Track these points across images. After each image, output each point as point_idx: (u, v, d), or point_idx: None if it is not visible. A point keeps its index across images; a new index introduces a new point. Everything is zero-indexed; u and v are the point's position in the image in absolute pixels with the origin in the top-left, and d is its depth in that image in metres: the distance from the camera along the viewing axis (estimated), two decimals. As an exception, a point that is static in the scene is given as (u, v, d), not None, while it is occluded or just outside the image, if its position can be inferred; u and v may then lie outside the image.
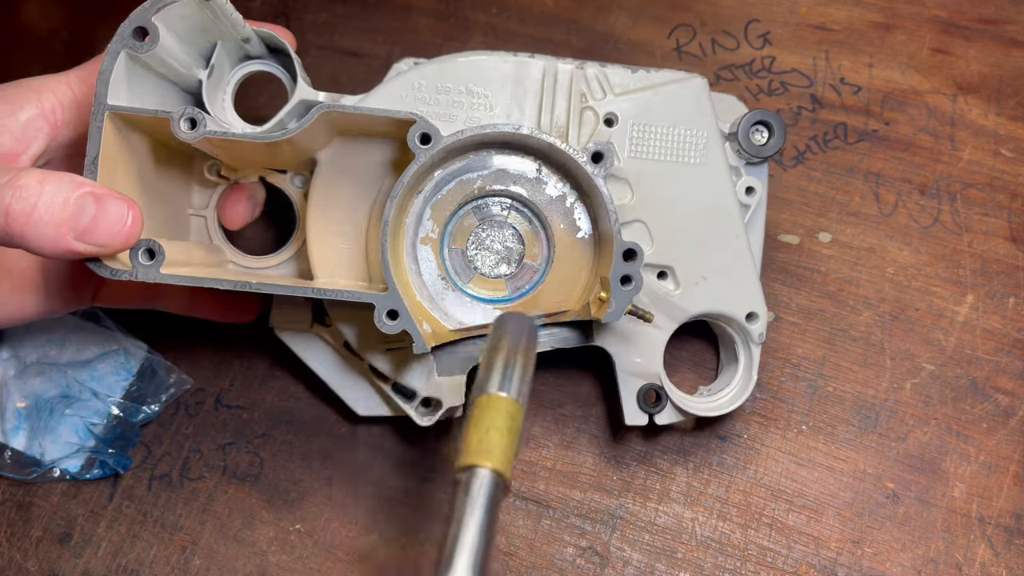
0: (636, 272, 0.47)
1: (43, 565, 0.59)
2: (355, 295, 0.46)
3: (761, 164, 0.54)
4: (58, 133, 0.48)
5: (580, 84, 0.51)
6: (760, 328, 0.54)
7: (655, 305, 0.53)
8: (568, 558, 0.57)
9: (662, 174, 0.52)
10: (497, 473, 0.34)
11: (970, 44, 0.63)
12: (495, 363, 0.39)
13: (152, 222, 0.49)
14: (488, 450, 0.35)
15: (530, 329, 0.43)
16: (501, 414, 0.36)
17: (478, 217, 0.52)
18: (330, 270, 0.51)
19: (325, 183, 0.51)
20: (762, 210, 0.55)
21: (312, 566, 0.58)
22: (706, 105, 0.52)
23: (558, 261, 0.52)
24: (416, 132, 0.46)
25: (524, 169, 0.51)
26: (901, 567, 0.55)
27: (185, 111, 0.44)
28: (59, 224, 0.41)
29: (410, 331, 0.46)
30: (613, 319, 0.48)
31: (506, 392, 0.37)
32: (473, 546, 0.32)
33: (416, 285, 0.51)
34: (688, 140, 0.52)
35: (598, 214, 0.50)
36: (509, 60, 0.50)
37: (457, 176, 0.51)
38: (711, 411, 0.54)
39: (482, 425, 0.36)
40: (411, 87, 0.50)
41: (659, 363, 0.54)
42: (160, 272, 0.44)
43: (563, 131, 0.51)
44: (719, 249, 0.53)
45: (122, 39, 0.44)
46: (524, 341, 0.41)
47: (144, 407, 0.61)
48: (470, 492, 0.33)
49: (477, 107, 0.50)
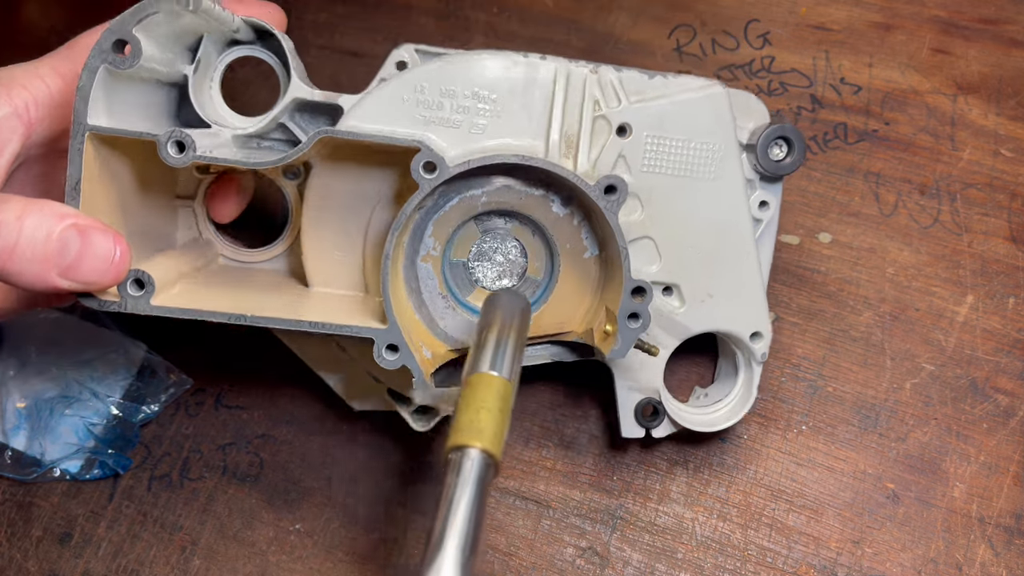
0: (644, 310, 0.46)
1: (43, 565, 0.59)
2: (354, 330, 0.44)
3: (777, 182, 0.53)
4: (33, 131, 0.44)
5: (594, 90, 0.48)
6: (763, 348, 0.53)
7: (658, 322, 0.51)
8: (568, 558, 0.57)
9: (674, 189, 0.49)
10: (488, 453, 0.34)
11: (970, 44, 0.63)
12: (487, 341, 0.39)
13: (138, 230, 0.47)
14: (479, 430, 0.35)
15: (523, 306, 0.43)
16: (492, 393, 0.36)
17: (480, 229, 0.50)
18: (325, 279, 0.50)
19: (321, 189, 0.49)
20: (774, 225, 0.54)
21: (312, 566, 0.58)
22: (726, 117, 0.49)
23: (562, 279, 0.50)
24: (420, 161, 0.44)
25: (530, 187, 0.49)
26: (901, 567, 0.55)
27: (172, 134, 0.41)
28: (42, 261, 0.39)
29: (410, 367, 0.45)
30: (619, 356, 0.46)
31: (497, 371, 0.37)
32: (463, 525, 0.32)
33: (415, 304, 0.50)
34: (704, 153, 0.49)
35: (606, 238, 0.48)
36: (520, 62, 0.47)
37: (460, 193, 0.49)
38: (708, 426, 0.54)
39: (473, 405, 0.36)
40: (414, 88, 0.47)
41: (659, 379, 0.53)
42: (150, 304, 0.42)
43: (574, 141, 0.48)
44: (728, 267, 0.51)
45: (101, 53, 0.40)
46: (516, 319, 0.41)
47: (144, 407, 0.61)
48: (461, 472, 0.33)
49: (483, 113, 0.47)
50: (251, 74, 0.51)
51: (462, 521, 0.32)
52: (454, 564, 0.31)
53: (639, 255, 0.50)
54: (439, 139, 0.47)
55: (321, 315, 0.45)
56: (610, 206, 0.46)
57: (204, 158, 0.42)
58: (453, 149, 0.47)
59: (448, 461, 0.34)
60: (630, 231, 0.49)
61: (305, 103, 0.48)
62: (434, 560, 0.31)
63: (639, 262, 0.50)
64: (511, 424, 0.59)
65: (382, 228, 0.49)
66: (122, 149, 0.45)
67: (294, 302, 0.48)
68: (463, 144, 0.47)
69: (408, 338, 0.45)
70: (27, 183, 0.48)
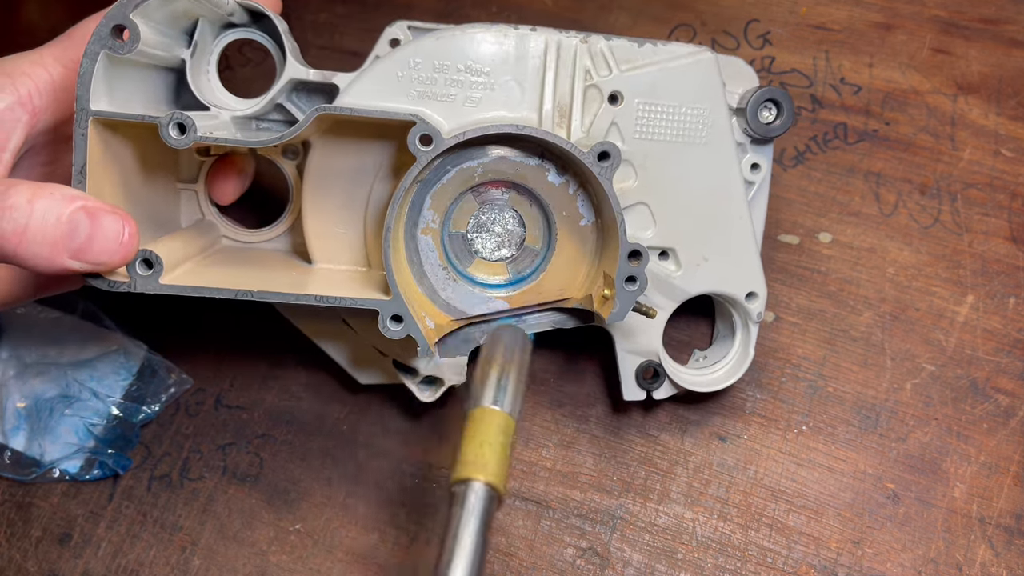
0: (641, 273, 0.47)
1: (43, 565, 0.59)
2: (358, 302, 0.45)
3: (768, 144, 0.54)
4: (38, 120, 0.45)
5: (584, 60, 0.49)
6: (759, 307, 0.54)
7: (656, 286, 0.52)
8: (568, 559, 0.57)
9: (667, 154, 0.50)
10: (491, 486, 0.36)
11: (970, 44, 0.63)
12: (489, 376, 0.40)
13: (143, 213, 0.48)
14: (483, 464, 0.37)
15: (523, 343, 0.44)
16: (494, 428, 0.38)
17: (478, 200, 0.51)
18: (328, 255, 0.51)
19: (320, 167, 0.50)
20: (766, 187, 0.54)
21: (312, 566, 0.58)
22: (715, 81, 0.50)
23: (560, 247, 0.51)
24: (416, 134, 0.45)
25: (525, 157, 0.50)
26: (901, 567, 0.55)
27: (173, 116, 0.42)
28: (52, 244, 0.40)
29: (415, 336, 0.46)
30: (617, 319, 0.47)
31: (499, 406, 0.39)
32: (468, 555, 0.34)
33: (417, 276, 0.51)
34: (695, 118, 0.50)
35: (601, 205, 0.49)
36: (510, 34, 0.48)
37: (457, 164, 0.49)
38: (707, 386, 0.55)
39: (476, 439, 0.38)
40: (407, 65, 0.47)
41: (658, 341, 0.54)
42: (159, 283, 0.43)
43: (566, 110, 0.49)
44: (722, 229, 0.52)
45: (100, 39, 0.41)
46: (518, 355, 0.43)
47: (144, 407, 0.61)
48: (465, 505, 0.35)
49: (477, 86, 0.48)
50: (239, 47, 0.51)
51: (467, 551, 0.34)
52: None
53: (634, 221, 0.51)
54: (434, 113, 0.48)
55: (325, 290, 0.46)
56: (604, 172, 0.47)
57: (205, 139, 0.43)
58: (448, 123, 0.48)
59: (453, 494, 0.36)
60: (624, 197, 0.50)
61: (301, 83, 0.48)
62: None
63: (634, 228, 0.51)
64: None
65: (381, 202, 0.50)
66: (125, 133, 0.45)
67: (298, 279, 0.49)
68: (458, 117, 0.48)
69: (411, 309, 0.46)
70: (32, 170, 0.49)
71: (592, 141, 0.49)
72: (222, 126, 0.46)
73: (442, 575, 0.33)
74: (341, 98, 0.47)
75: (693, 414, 0.59)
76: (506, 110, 0.48)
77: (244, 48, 0.69)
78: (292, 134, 0.44)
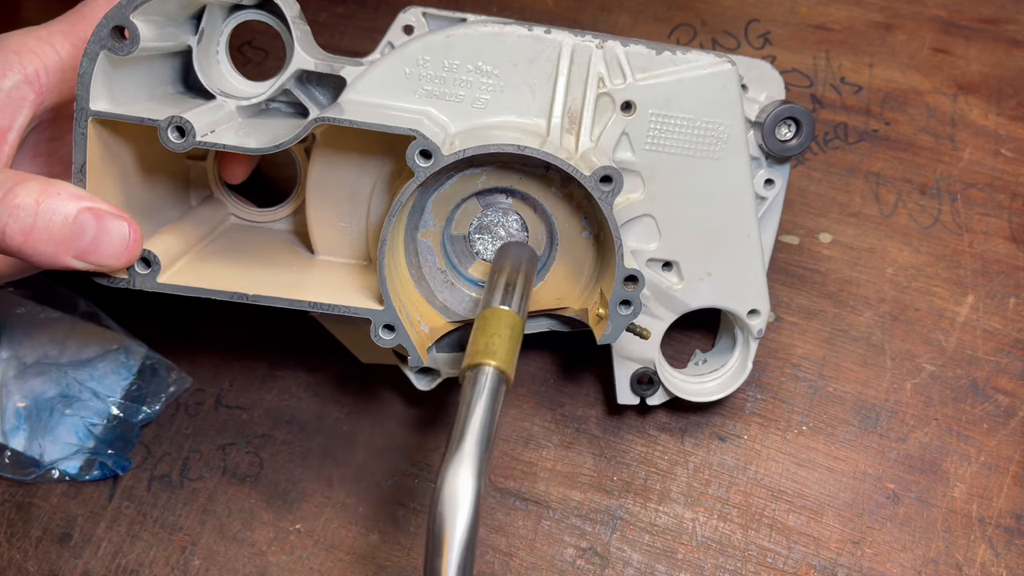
0: (636, 297, 0.46)
1: (43, 565, 0.59)
2: (351, 310, 0.45)
3: (783, 164, 0.53)
4: (44, 99, 0.45)
5: (599, 66, 0.47)
6: (760, 324, 0.53)
7: (656, 297, 0.52)
8: (568, 559, 0.57)
9: (678, 167, 0.48)
10: (500, 370, 0.38)
11: (970, 44, 0.63)
12: (498, 283, 0.43)
13: (143, 208, 0.48)
14: (493, 351, 0.38)
15: (530, 255, 0.47)
16: (503, 323, 0.40)
17: (482, 203, 0.50)
18: (330, 248, 0.51)
19: (324, 161, 0.49)
20: (779, 204, 0.53)
21: (312, 566, 0.58)
22: (734, 95, 0.47)
23: (560, 257, 0.51)
24: (416, 148, 0.43)
25: (530, 168, 0.49)
26: (901, 567, 0.55)
27: (172, 120, 0.42)
28: (58, 243, 0.40)
29: (406, 346, 0.46)
30: (610, 340, 0.47)
31: (508, 306, 0.41)
32: (480, 426, 0.35)
33: (415, 278, 0.50)
34: (710, 132, 0.48)
35: (602, 221, 0.48)
36: (524, 35, 0.46)
37: (460, 171, 0.49)
38: (701, 396, 0.55)
39: (486, 332, 0.40)
40: (416, 62, 0.46)
41: (655, 350, 0.54)
42: (157, 281, 0.44)
43: (577, 117, 0.47)
44: (729, 245, 0.50)
45: (100, 40, 0.41)
46: (524, 265, 0.45)
47: (144, 407, 0.61)
48: (476, 384, 0.37)
49: (486, 88, 0.46)
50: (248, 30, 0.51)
51: (478, 423, 0.35)
52: (472, 456, 0.34)
53: (639, 232, 0.50)
54: (440, 113, 0.47)
55: (322, 291, 0.47)
56: (605, 197, 0.45)
57: (204, 144, 0.43)
58: (455, 124, 0.47)
59: (465, 378, 0.38)
60: (631, 209, 0.49)
61: (308, 73, 0.47)
62: (455, 453, 0.34)
63: (639, 239, 0.50)
64: (509, 417, 0.60)
65: (384, 201, 0.50)
66: (125, 131, 0.46)
67: (297, 274, 0.49)
68: (465, 119, 0.47)
69: (406, 313, 0.46)
70: (39, 146, 0.49)
71: (601, 151, 0.48)
72: (227, 118, 0.46)
73: (456, 442, 0.34)
74: (348, 92, 0.46)
75: (693, 414, 0.59)
76: (515, 114, 0.47)
77: (244, 48, 0.69)
78: (291, 143, 0.44)
